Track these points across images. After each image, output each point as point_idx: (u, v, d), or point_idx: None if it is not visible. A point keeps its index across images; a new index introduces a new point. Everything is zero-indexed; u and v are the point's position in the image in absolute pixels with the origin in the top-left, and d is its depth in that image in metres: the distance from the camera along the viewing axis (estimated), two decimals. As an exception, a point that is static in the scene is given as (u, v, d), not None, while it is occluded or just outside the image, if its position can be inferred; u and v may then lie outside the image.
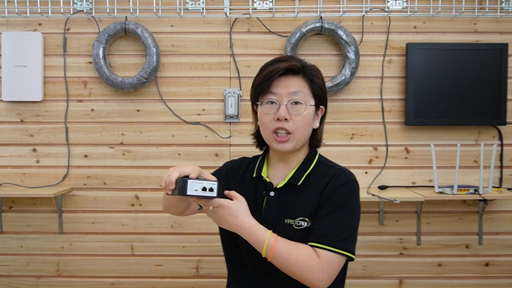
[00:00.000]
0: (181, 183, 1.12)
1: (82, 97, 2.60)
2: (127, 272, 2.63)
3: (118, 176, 2.61)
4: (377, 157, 2.59)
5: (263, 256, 1.19)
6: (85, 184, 2.61)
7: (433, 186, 2.47)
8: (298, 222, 1.24)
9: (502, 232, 2.61)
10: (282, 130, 1.26)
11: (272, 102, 1.27)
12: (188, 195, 1.13)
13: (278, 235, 1.21)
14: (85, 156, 2.61)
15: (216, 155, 2.58)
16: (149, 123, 2.59)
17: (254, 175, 1.35)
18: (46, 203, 2.61)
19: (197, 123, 2.58)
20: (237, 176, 1.40)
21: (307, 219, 1.24)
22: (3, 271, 2.64)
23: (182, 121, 2.58)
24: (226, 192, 1.23)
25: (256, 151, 1.46)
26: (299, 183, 1.29)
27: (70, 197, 2.62)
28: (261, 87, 1.27)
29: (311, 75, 1.30)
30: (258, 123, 1.34)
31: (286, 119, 1.24)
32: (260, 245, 1.18)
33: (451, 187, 2.40)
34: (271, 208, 1.28)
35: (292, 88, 1.26)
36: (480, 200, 2.53)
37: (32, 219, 2.63)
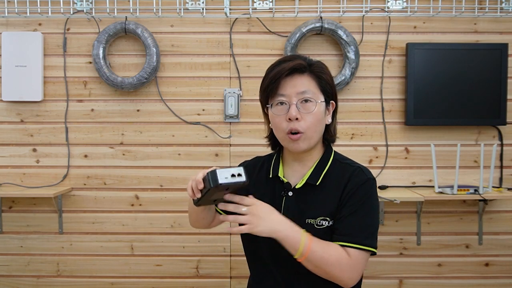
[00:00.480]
0: (211, 175, 1.10)
1: (82, 97, 2.60)
2: (127, 272, 2.63)
3: (118, 176, 2.61)
4: (377, 157, 2.59)
5: (297, 256, 1.17)
6: (85, 184, 2.61)
7: (433, 186, 2.47)
8: (320, 222, 1.25)
9: (502, 232, 2.61)
10: (295, 130, 1.25)
11: (282, 103, 1.27)
12: (221, 184, 1.09)
13: None
14: (85, 156, 2.61)
15: (216, 155, 2.58)
16: (149, 123, 2.59)
17: (270, 176, 1.35)
18: (46, 203, 2.61)
19: (197, 123, 2.58)
20: (252, 176, 1.37)
21: (328, 219, 1.26)
22: (3, 271, 2.65)
23: (182, 121, 2.58)
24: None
25: (256, 151, 1.47)
26: (317, 183, 1.29)
27: (70, 197, 2.62)
28: (269, 89, 1.27)
29: (318, 72, 1.29)
30: (270, 125, 1.34)
31: (297, 119, 1.24)
32: (296, 245, 1.17)
33: (451, 187, 2.40)
34: (290, 208, 1.28)
35: (300, 87, 1.26)
36: (480, 200, 2.53)
37: (32, 219, 2.63)
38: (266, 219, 1.16)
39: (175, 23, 2.58)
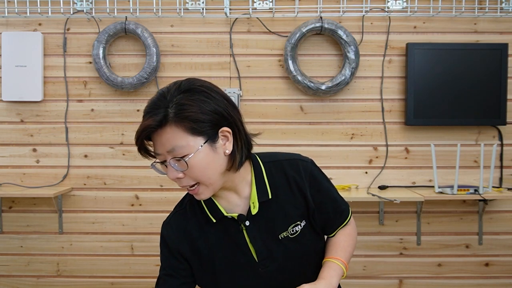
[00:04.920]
0: None
1: (82, 97, 2.60)
2: (127, 272, 2.63)
3: (118, 176, 2.61)
4: (377, 157, 2.59)
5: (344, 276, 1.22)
6: (85, 184, 2.61)
7: (433, 186, 2.47)
8: (292, 230, 1.18)
9: (502, 232, 2.61)
10: (185, 187, 1.10)
11: (161, 162, 1.10)
12: None
13: (276, 253, 1.18)
14: (85, 156, 2.61)
15: (216, 155, 2.58)
16: (149, 123, 2.59)
17: (214, 221, 1.17)
18: (46, 203, 2.61)
19: (197, 123, 2.58)
20: (197, 236, 1.20)
21: (299, 222, 1.19)
22: (3, 271, 2.64)
23: (182, 121, 2.58)
24: None
25: (256, 151, 1.39)
26: (270, 197, 1.17)
27: (70, 197, 2.62)
28: (142, 154, 1.13)
29: (182, 117, 1.04)
30: None
31: (180, 177, 1.08)
32: (342, 273, 1.22)
33: (451, 187, 2.40)
34: (257, 236, 1.17)
35: (166, 145, 1.06)
36: (480, 200, 2.53)
37: (32, 219, 2.63)
38: None
39: (175, 23, 2.58)
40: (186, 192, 1.24)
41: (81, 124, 2.61)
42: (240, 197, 1.18)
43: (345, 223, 1.27)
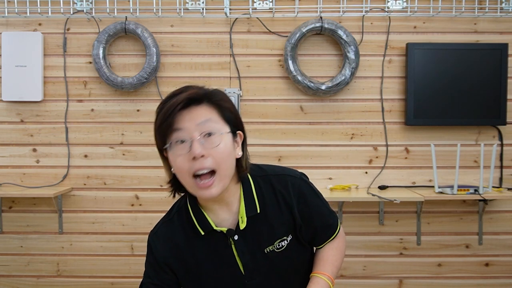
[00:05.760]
0: None
1: (82, 97, 2.60)
2: (127, 272, 2.63)
3: (118, 176, 2.61)
4: (377, 157, 2.59)
5: None
6: (85, 184, 2.61)
7: (433, 186, 2.47)
8: (279, 244, 1.18)
9: (502, 232, 2.61)
10: (203, 170, 1.06)
11: (182, 141, 1.06)
12: None
13: (262, 267, 1.18)
14: (85, 156, 2.61)
15: (216, 155, 2.58)
16: (149, 123, 2.59)
17: (202, 233, 1.16)
18: (46, 203, 2.61)
19: (197, 123, 2.58)
20: (184, 248, 1.19)
21: (285, 237, 1.19)
22: (3, 271, 2.64)
23: (182, 121, 2.58)
24: None
25: (256, 151, 1.43)
26: (258, 211, 1.16)
27: (70, 197, 2.62)
28: (164, 126, 1.06)
29: (218, 100, 1.10)
30: (172, 170, 1.11)
31: (203, 156, 1.05)
32: None
33: (451, 187, 2.40)
34: (244, 250, 1.16)
35: (200, 118, 1.06)
36: (480, 200, 2.53)
37: (32, 219, 2.63)
38: None
39: (175, 23, 2.58)
40: (174, 202, 1.24)
41: (81, 124, 2.61)
42: (229, 211, 1.17)
43: (333, 236, 1.26)
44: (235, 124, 1.13)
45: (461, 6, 2.48)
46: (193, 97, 1.07)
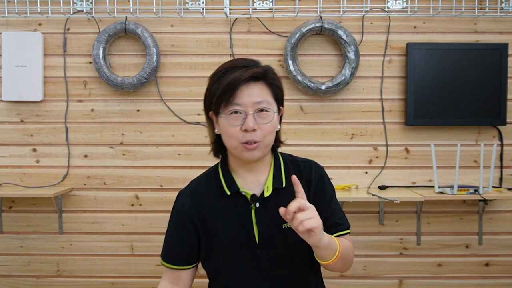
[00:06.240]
0: None
1: (82, 97, 2.60)
2: (127, 272, 2.63)
3: (118, 176, 2.61)
4: (377, 157, 2.59)
5: (331, 260, 1.14)
6: (85, 184, 2.61)
7: (433, 186, 2.47)
8: None
9: (502, 232, 2.61)
10: (251, 141, 1.20)
11: (236, 112, 1.20)
12: None
13: (276, 240, 1.24)
14: (85, 156, 2.61)
15: (216, 155, 2.58)
16: (149, 123, 2.59)
17: (228, 193, 1.28)
18: (46, 203, 2.61)
19: (197, 123, 2.58)
20: (203, 202, 1.30)
21: None
22: (3, 271, 2.65)
23: (182, 121, 2.58)
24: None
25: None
26: (284, 185, 1.28)
27: (70, 197, 2.62)
28: (224, 98, 1.20)
29: (272, 79, 1.25)
30: (216, 131, 1.28)
31: (254, 130, 1.19)
32: (334, 246, 1.15)
33: (451, 187, 2.40)
34: (263, 219, 1.25)
35: (257, 97, 1.20)
36: (480, 200, 2.53)
37: (32, 219, 2.63)
38: (320, 225, 1.10)
39: (175, 23, 2.58)
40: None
41: (81, 124, 2.61)
42: (257, 181, 1.28)
43: (342, 232, 1.28)
44: (281, 100, 1.29)
45: (461, 6, 2.48)
46: (255, 75, 1.21)
